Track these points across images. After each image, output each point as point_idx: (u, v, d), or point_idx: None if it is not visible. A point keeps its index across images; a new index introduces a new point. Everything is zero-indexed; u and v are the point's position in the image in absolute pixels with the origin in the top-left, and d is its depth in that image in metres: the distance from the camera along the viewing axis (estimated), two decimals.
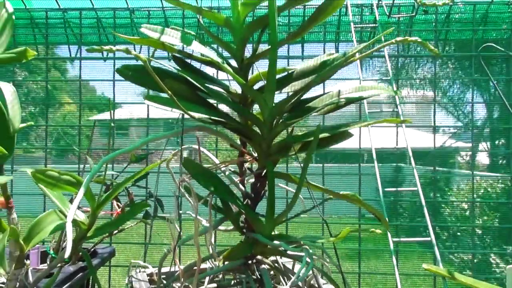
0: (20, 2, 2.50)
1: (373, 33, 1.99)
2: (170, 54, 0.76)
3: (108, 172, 1.07)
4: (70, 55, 2.74)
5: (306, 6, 1.84)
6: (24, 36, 2.53)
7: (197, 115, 0.62)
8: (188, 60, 0.76)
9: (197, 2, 0.85)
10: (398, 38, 0.54)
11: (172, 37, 0.68)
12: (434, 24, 1.97)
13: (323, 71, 0.63)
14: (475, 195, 1.78)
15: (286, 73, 0.79)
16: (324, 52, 2.26)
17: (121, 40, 2.86)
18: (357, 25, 1.83)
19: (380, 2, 1.80)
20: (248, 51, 0.81)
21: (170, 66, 0.73)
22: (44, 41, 2.69)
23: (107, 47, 0.49)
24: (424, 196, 1.08)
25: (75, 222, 0.69)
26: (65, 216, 0.68)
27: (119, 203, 1.15)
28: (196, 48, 0.67)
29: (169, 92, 0.56)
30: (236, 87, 0.80)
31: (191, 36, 0.69)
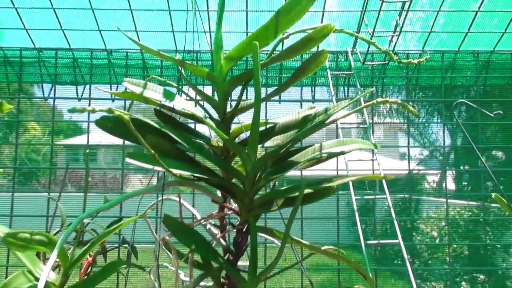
0: None
1: (347, 78, 2.07)
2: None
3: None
4: (44, 94, 2.69)
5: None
6: None
7: (178, 171, 0.61)
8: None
9: (177, 54, 0.86)
10: (379, 99, 0.56)
11: (155, 92, 0.68)
12: (405, 71, 2.08)
13: (305, 129, 0.63)
14: (443, 223, 1.81)
15: (267, 126, 0.80)
16: (301, 96, 2.34)
17: (97, 80, 2.85)
18: (333, 72, 1.89)
19: (355, 49, 1.88)
20: (231, 103, 0.82)
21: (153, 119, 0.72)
22: (17, 79, 2.65)
23: (89, 108, 0.48)
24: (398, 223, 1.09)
25: (46, 284, 0.65)
26: (35, 279, 0.64)
27: (90, 253, 1.09)
28: (179, 103, 0.67)
29: (151, 150, 0.55)
30: (219, 138, 0.79)
31: (173, 93, 0.69)
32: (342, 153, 0.72)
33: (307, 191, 0.67)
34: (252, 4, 1.89)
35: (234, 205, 0.79)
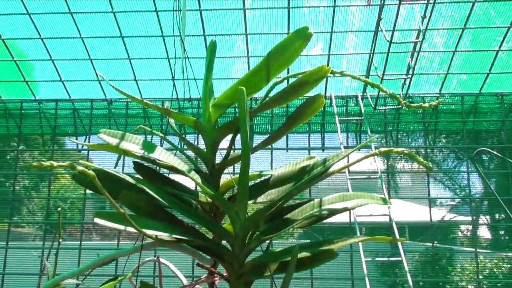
0: None
1: (359, 124, 2.03)
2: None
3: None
4: (43, 145, 2.73)
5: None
6: None
7: (154, 233, 0.57)
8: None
9: (163, 104, 0.84)
10: (382, 149, 0.52)
11: (133, 144, 0.65)
12: (422, 115, 2.03)
13: (301, 183, 0.59)
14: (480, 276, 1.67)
15: (262, 178, 0.76)
16: (309, 144, 2.30)
17: (97, 130, 2.89)
18: (342, 118, 1.86)
19: (365, 93, 1.87)
20: (221, 154, 0.78)
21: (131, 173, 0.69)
22: (17, 131, 2.70)
23: (47, 164, 0.45)
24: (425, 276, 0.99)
25: None
26: None
27: None
28: (160, 155, 0.64)
29: (120, 209, 0.51)
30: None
31: (153, 144, 0.66)
32: (346, 209, 0.67)
33: (304, 254, 0.61)
34: (254, 49, 1.93)
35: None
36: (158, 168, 0.75)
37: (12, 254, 3.02)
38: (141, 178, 0.71)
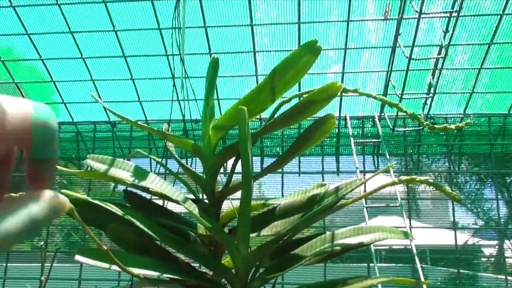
0: None
1: (376, 147, 1.98)
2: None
3: None
4: None
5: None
6: None
7: (142, 272, 0.52)
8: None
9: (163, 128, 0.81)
10: (403, 177, 0.47)
11: (123, 170, 0.61)
12: (445, 137, 1.97)
13: (309, 215, 0.54)
14: None
15: (267, 208, 0.71)
16: (323, 168, 2.25)
17: (101, 153, 2.88)
18: (358, 140, 1.81)
19: (383, 114, 1.82)
20: (222, 180, 0.74)
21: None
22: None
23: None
24: None
25: None
26: None
27: None
28: (153, 183, 0.60)
29: (102, 246, 0.47)
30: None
31: (145, 170, 0.62)
32: (362, 245, 0.62)
33: None
34: (263, 67, 1.91)
35: None
36: (151, 196, 0.71)
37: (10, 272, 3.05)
38: (132, 207, 0.67)
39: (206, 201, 0.72)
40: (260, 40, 1.66)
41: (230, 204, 0.78)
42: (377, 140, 1.65)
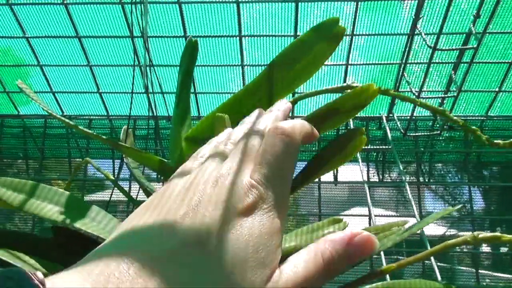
0: None
1: (382, 153, 1.86)
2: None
3: None
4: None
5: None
6: None
7: None
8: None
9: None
10: (481, 234, 0.34)
11: (50, 204, 0.46)
12: (463, 142, 1.86)
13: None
14: None
15: None
16: (319, 178, 2.10)
17: (53, 154, 2.70)
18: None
19: (391, 115, 1.69)
20: None
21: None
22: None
23: None
24: None
25: None
26: None
27: None
28: (92, 225, 0.45)
29: None
30: None
31: (84, 203, 0.47)
32: None
33: None
34: (249, 56, 1.74)
35: None
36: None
37: None
38: (60, 250, 0.52)
39: None
40: (247, 21, 1.51)
41: None
42: (387, 147, 1.52)
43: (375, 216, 1.35)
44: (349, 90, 0.47)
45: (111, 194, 0.75)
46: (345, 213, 2.34)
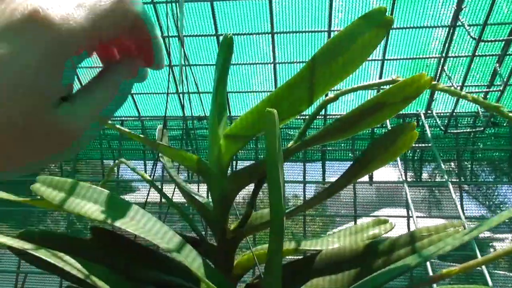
0: None
1: (419, 152, 1.80)
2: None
3: None
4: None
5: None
6: None
7: None
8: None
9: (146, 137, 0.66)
10: None
11: (90, 202, 0.46)
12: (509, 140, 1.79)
13: (374, 276, 0.39)
14: None
15: (303, 256, 0.55)
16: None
17: (86, 156, 2.75)
18: None
19: (429, 111, 1.63)
20: (237, 213, 0.59)
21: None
22: None
23: None
24: None
25: None
26: None
27: None
28: (132, 223, 0.45)
29: None
30: None
31: (125, 202, 0.47)
32: None
33: None
34: (281, 53, 1.71)
35: None
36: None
37: None
38: (101, 251, 0.52)
39: (214, 242, 0.56)
40: (280, 18, 1.48)
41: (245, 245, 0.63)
42: (426, 145, 1.48)
43: (415, 217, 1.30)
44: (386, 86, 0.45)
45: (147, 195, 0.75)
46: (377, 214, 2.27)
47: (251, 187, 0.56)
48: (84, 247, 0.52)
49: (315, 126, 2.03)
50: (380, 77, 1.80)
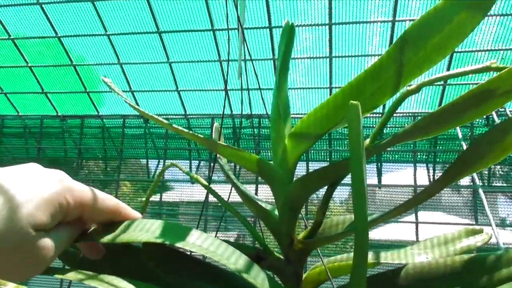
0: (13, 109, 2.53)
1: None
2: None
3: None
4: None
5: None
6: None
7: None
8: None
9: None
10: None
11: (141, 230, 0.42)
12: None
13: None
14: None
15: (387, 270, 0.50)
16: (415, 181, 1.97)
17: (131, 154, 2.78)
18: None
19: (503, 109, 1.53)
20: (305, 221, 0.54)
21: None
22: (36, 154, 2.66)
23: None
24: None
25: None
26: None
27: None
28: (196, 245, 0.41)
29: None
30: None
31: (184, 228, 0.43)
32: None
33: None
34: (338, 47, 1.66)
35: None
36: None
37: None
38: (154, 265, 0.48)
39: (279, 255, 0.51)
40: (337, 8, 1.42)
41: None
42: None
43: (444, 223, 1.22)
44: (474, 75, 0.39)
45: (206, 199, 0.71)
46: (407, 220, 2.14)
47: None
48: (133, 267, 0.49)
49: (369, 125, 1.94)
50: (448, 69, 1.70)
